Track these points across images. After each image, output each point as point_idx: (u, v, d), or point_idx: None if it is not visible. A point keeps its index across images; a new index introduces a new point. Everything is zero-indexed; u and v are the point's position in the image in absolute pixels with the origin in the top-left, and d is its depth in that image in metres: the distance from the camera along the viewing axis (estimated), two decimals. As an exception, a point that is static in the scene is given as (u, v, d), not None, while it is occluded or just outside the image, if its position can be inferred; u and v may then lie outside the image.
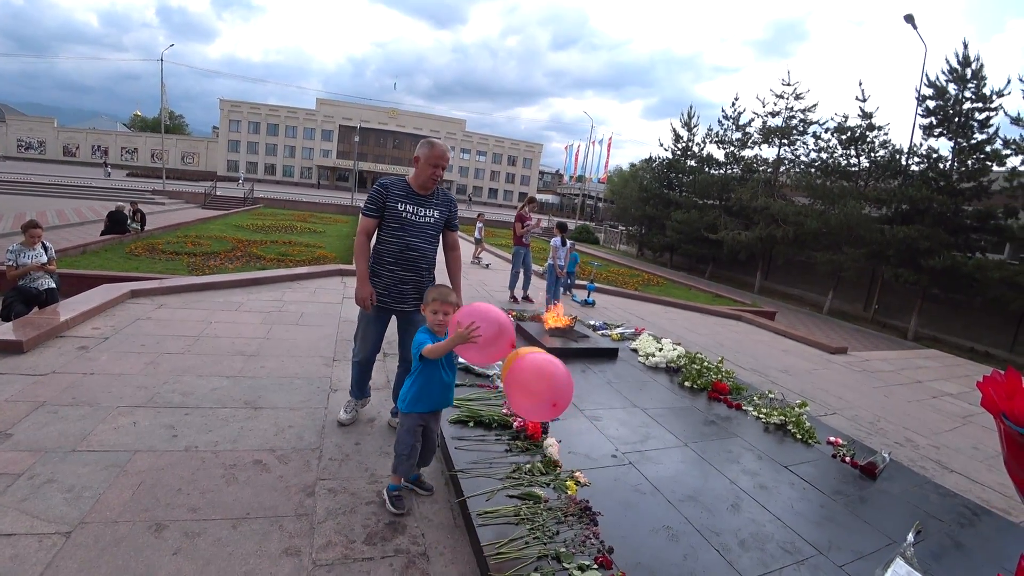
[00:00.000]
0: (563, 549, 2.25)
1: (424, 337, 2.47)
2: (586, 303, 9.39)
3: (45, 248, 5.45)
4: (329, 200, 36.33)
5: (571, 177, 50.75)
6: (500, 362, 4.53)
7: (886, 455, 3.76)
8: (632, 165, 47.24)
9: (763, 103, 25.38)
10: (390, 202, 3.05)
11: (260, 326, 5.26)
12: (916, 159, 19.44)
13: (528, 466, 2.93)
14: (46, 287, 5.34)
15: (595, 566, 2.17)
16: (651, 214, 30.38)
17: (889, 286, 20.06)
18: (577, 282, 10.92)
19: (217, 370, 3.97)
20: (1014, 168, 16.51)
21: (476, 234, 13.68)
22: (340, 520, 2.44)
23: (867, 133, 20.60)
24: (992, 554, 2.88)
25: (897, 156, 20.07)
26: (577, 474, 2.91)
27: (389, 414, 3.55)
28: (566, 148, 47.21)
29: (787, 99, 24.48)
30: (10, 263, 5.12)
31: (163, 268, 10.25)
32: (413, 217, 3.08)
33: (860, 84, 20.76)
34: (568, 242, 8.46)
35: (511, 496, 2.64)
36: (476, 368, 4.36)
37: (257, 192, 33.11)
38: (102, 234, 13.02)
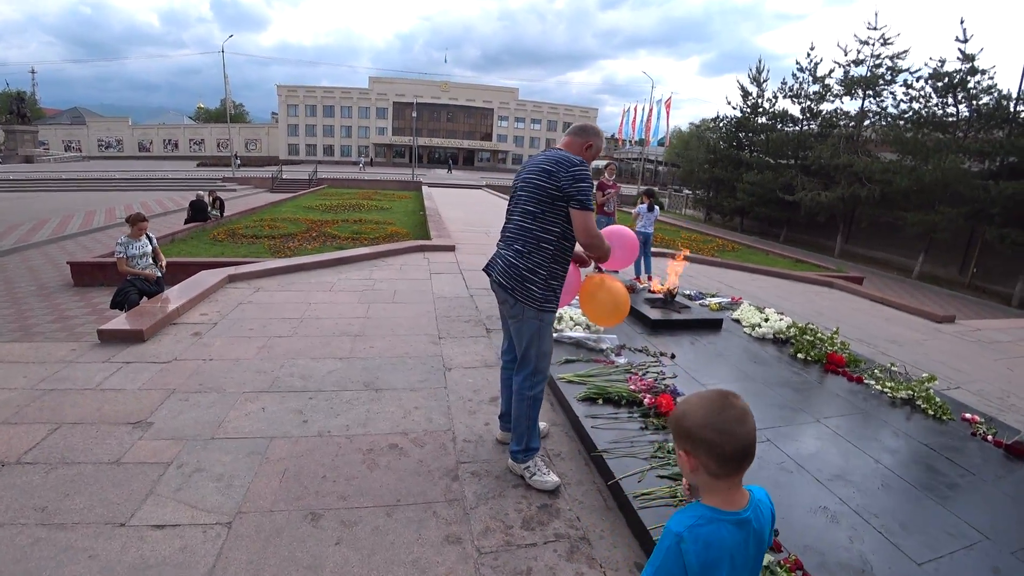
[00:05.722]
0: None
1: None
2: None
3: (149, 239, 5.61)
4: (390, 177, 36.79)
5: (629, 141, 48.83)
6: (614, 337, 4.42)
7: None
8: (692, 125, 44.97)
9: (845, 51, 23.10)
10: None
11: (358, 305, 5.22)
12: None
13: (670, 445, 2.78)
14: (155, 276, 5.51)
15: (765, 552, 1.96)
16: (720, 176, 28.68)
17: (990, 248, 17.85)
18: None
19: (328, 352, 3.93)
20: None
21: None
22: (492, 505, 2.31)
23: (968, 78, 18.18)
24: None
25: (1004, 103, 17.61)
26: (719, 452, 2.70)
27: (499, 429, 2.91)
28: (623, 111, 45.32)
29: (872, 45, 22.05)
30: (120, 255, 5.28)
31: (246, 252, 10.59)
32: None
33: (962, 22, 18.26)
34: (656, 208, 7.98)
35: (662, 476, 2.50)
36: (588, 342, 4.17)
37: (320, 173, 33.92)
38: (186, 222, 13.62)
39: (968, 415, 3.73)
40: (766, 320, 5.37)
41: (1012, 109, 17.38)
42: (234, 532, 2.01)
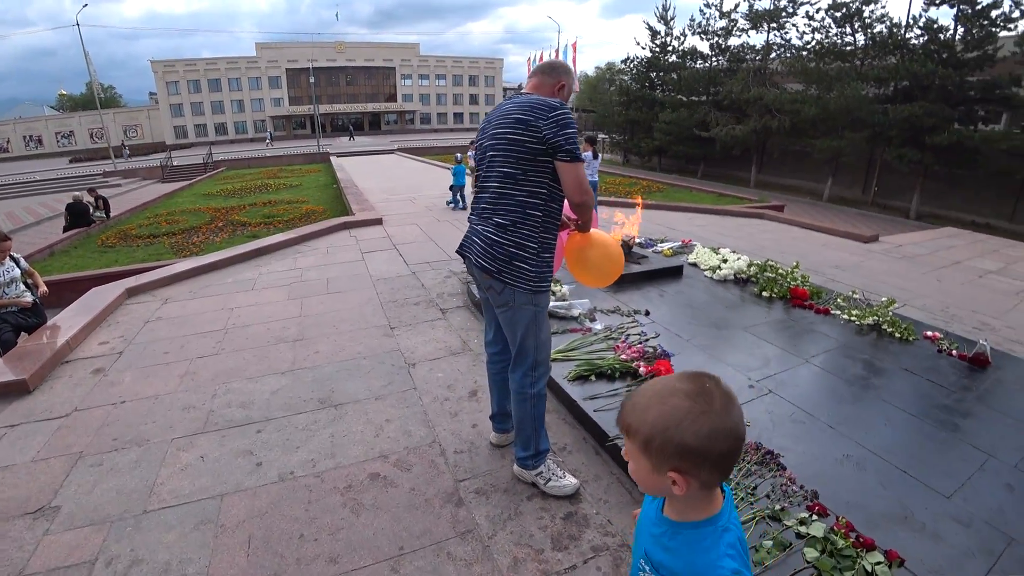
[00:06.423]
0: (778, 507, 2.00)
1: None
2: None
3: (15, 261, 4.53)
4: (294, 150, 34.25)
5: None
6: (585, 301, 4.12)
7: (984, 342, 3.54)
8: (599, 68, 44.94)
9: None
10: None
11: (288, 303, 4.60)
12: (916, 32, 18.39)
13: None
14: (30, 302, 4.49)
15: (814, 517, 1.94)
16: (635, 118, 29.02)
17: (888, 167, 19.48)
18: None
19: (267, 367, 3.35)
20: (1025, 32, 15.73)
21: (471, 162, 12.76)
22: (511, 529, 1.98)
23: (863, 8, 19.32)
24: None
25: (896, 30, 18.84)
26: (734, 415, 2.53)
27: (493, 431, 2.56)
28: (529, 60, 44.46)
29: None
30: (-24, 286, 4.23)
31: (145, 255, 9.37)
32: None
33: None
34: (599, 155, 7.71)
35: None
36: (560, 311, 3.85)
37: (216, 155, 30.94)
38: (65, 230, 11.86)
39: (929, 333, 3.89)
40: (724, 261, 5.32)
41: (903, 36, 18.58)
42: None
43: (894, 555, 1.77)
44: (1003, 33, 16.67)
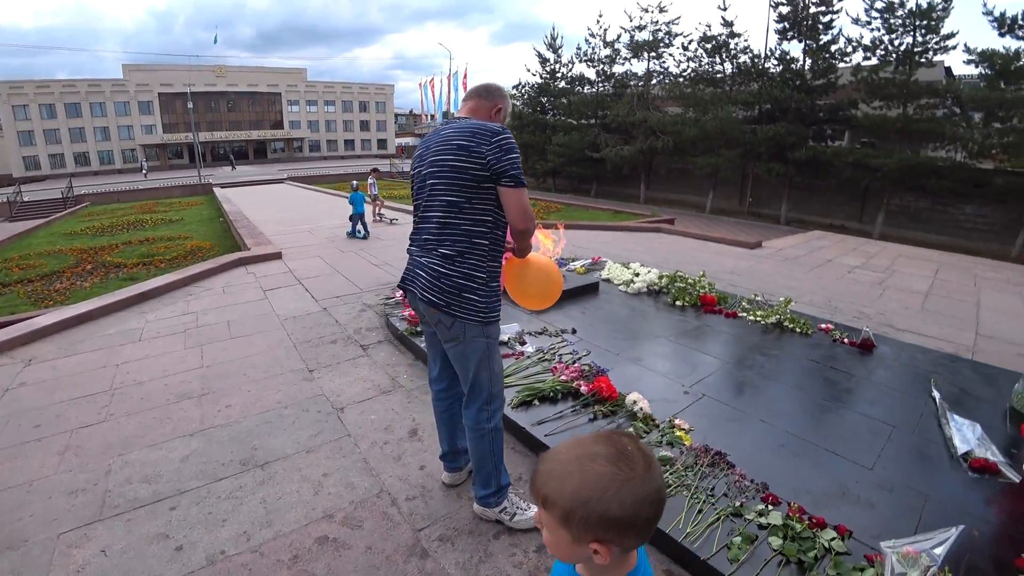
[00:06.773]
0: (737, 503, 2.11)
1: None
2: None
3: None
4: (171, 182, 31.47)
5: (430, 116, 47.75)
6: (514, 325, 4.08)
7: (867, 329, 4.06)
8: (491, 94, 46.13)
9: (630, 18, 26.89)
10: None
11: (186, 353, 4.09)
12: (773, 62, 21.21)
13: (630, 431, 2.69)
14: None
15: (770, 507, 2.08)
16: (528, 141, 30.18)
17: (759, 180, 22.17)
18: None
19: (171, 429, 2.92)
20: (857, 64, 18.94)
21: (371, 190, 12.43)
22: (485, 573, 1.88)
23: (729, 41, 21.89)
24: (988, 394, 3.33)
25: (757, 60, 21.61)
26: (678, 422, 2.73)
27: (445, 472, 2.40)
28: (420, 85, 44.62)
29: (652, 12, 25.22)
30: None
31: (-7, 308, 8.02)
32: None
33: (721, -7, 21.74)
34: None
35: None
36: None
37: (77, 188, 27.59)
38: None
39: (823, 325, 4.33)
40: (636, 275, 5.56)
41: (763, 65, 21.44)
42: None
43: (843, 529, 1.96)
44: (842, 64, 19.86)
